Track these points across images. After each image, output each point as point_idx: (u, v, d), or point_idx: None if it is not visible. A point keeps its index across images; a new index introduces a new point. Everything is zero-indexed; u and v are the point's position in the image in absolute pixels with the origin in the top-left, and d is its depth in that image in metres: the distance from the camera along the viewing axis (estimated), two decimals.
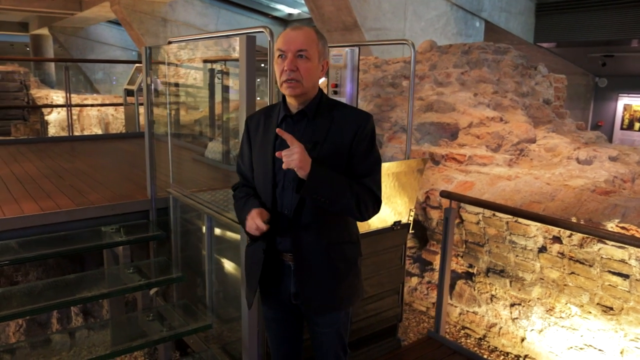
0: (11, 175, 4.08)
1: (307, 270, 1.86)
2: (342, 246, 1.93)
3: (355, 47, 3.17)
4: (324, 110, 1.84)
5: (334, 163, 1.80)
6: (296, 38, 1.75)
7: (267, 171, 1.84)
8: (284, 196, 1.82)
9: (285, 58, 1.74)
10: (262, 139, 1.87)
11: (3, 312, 2.92)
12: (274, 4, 17.55)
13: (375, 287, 3.00)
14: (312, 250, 1.85)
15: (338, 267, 1.90)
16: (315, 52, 1.77)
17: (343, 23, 7.85)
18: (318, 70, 1.81)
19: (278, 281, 1.93)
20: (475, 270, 3.82)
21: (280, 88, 1.77)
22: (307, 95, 1.81)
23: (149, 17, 15.16)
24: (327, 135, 1.81)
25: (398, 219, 2.97)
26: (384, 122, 4.94)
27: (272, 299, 1.99)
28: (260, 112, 1.94)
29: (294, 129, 1.81)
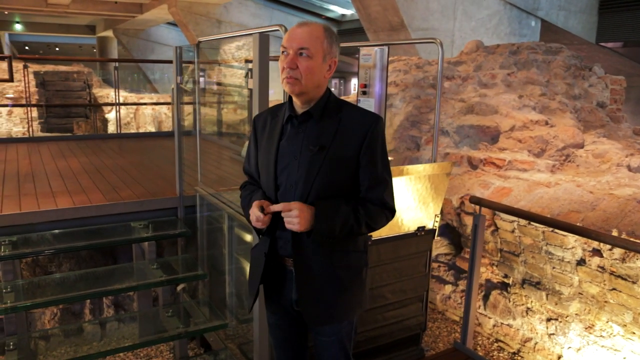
0: (55, 170, 4.26)
1: (307, 278, 1.78)
2: (347, 254, 1.84)
3: (385, 47, 3.07)
4: (331, 112, 1.76)
5: (341, 168, 1.73)
6: (299, 35, 1.69)
7: (269, 172, 1.78)
8: (286, 198, 1.74)
9: (287, 55, 1.69)
10: (267, 139, 1.82)
11: (38, 299, 3.04)
12: (326, 5, 17.59)
13: (397, 294, 2.90)
14: (313, 257, 1.77)
15: (341, 277, 1.81)
16: (319, 50, 1.70)
17: (389, 23, 7.73)
18: (322, 70, 1.72)
19: (280, 287, 1.87)
20: (511, 281, 3.63)
21: (282, 84, 1.73)
22: (309, 94, 1.73)
23: (204, 18, 15.55)
24: (334, 138, 1.73)
25: (422, 224, 2.86)
26: (422, 124, 4.80)
27: (275, 305, 1.93)
28: (267, 111, 1.90)
29: (298, 130, 1.75)
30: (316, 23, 1.74)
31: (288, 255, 1.80)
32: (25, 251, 2.95)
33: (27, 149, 5.35)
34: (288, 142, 1.75)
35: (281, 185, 1.76)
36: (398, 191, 2.67)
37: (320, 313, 1.82)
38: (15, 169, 4.31)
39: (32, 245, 3.15)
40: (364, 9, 7.90)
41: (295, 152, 1.74)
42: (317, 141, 1.72)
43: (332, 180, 1.73)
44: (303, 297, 1.79)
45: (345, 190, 1.77)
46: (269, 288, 1.89)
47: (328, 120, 1.75)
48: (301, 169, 1.72)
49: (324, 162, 1.70)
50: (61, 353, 3.19)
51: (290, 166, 1.74)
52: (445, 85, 5.09)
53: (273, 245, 1.82)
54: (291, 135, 1.76)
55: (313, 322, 1.84)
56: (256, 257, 1.88)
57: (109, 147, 5.65)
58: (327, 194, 1.73)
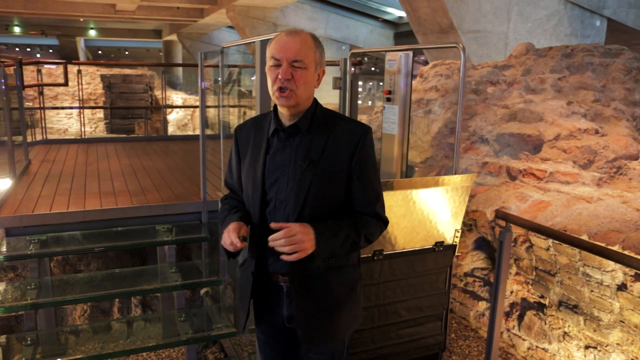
0: (94, 171, 4.41)
1: (303, 296, 1.71)
2: (341, 270, 1.77)
3: (410, 52, 2.95)
4: (319, 124, 1.69)
5: (332, 182, 1.66)
6: (292, 45, 1.60)
7: (256, 188, 1.69)
8: (275, 215, 1.67)
9: (279, 67, 1.60)
10: (252, 153, 1.73)
11: (68, 296, 3.15)
12: (384, 7, 17.39)
13: (413, 311, 2.76)
14: (309, 274, 1.70)
15: (337, 293, 1.75)
16: (312, 60, 1.63)
17: (439, 25, 7.50)
18: (314, 80, 1.66)
19: (271, 303, 1.80)
20: (547, 302, 3.38)
21: (273, 97, 1.63)
22: (300, 106, 1.66)
23: (261, 22, 15.78)
24: (323, 152, 1.65)
25: (440, 239, 2.71)
26: (461, 131, 4.59)
27: (265, 322, 1.86)
28: (250, 123, 1.82)
29: (286, 144, 1.68)
30: (304, 31, 1.66)
31: (279, 272, 1.73)
32: (49, 250, 3.05)
33: (77, 150, 5.59)
34: (275, 156, 1.68)
35: (270, 202, 1.68)
36: (413, 204, 2.55)
37: (318, 331, 1.76)
38: (60, 169, 4.51)
39: (63, 244, 3.27)
40: (413, 11, 7.71)
41: (283, 167, 1.67)
42: (306, 155, 1.65)
43: (324, 194, 1.66)
44: (299, 315, 1.73)
45: (337, 204, 1.70)
46: (259, 305, 1.82)
47: (316, 133, 1.67)
48: (291, 184, 1.65)
49: (314, 177, 1.64)
50: (89, 348, 3.27)
51: (279, 182, 1.67)
52: (489, 91, 4.85)
53: (261, 263, 1.74)
54: (278, 149, 1.68)
55: (310, 341, 1.77)
56: (244, 276, 1.81)
57: (153, 149, 5.81)
58: (320, 209, 1.66)
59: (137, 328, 3.73)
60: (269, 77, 1.63)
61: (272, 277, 1.74)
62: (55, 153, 5.37)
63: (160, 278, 3.44)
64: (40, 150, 5.52)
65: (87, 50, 32.73)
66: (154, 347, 3.24)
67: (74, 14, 18.91)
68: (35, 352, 2.97)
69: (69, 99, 15.47)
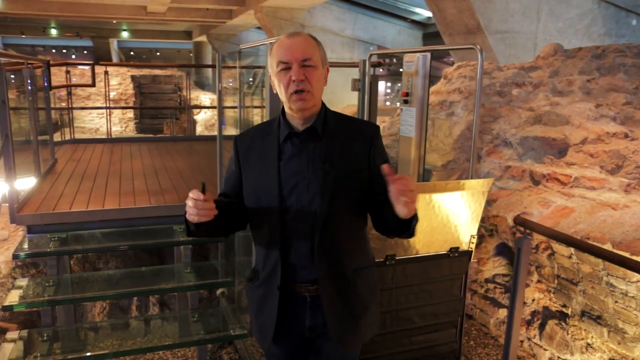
0: (117, 171, 4.49)
1: (333, 300, 1.68)
2: (365, 271, 1.77)
3: (427, 53, 2.89)
4: (331, 125, 1.67)
5: (353, 181, 1.65)
6: (299, 45, 1.58)
7: (272, 197, 1.63)
8: (298, 223, 1.63)
9: (289, 69, 1.56)
10: (260, 161, 1.67)
11: (86, 294, 3.21)
12: (412, 8, 17.23)
13: (427, 318, 2.71)
14: (337, 280, 1.68)
15: (363, 295, 1.74)
16: (318, 58, 1.61)
17: (465, 26, 7.37)
18: (323, 79, 1.64)
19: (291, 317, 1.73)
20: (570, 312, 3.27)
21: (288, 102, 1.59)
22: (314, 108, 1.63)
23: (288, 23, 15.83)
24: (341, 152, 1.64)
25: (456, 245, 2.65)
26: (484, 134, 4.50)
27: (282, 337, 1.77)
28: (252, 132, 1.77)
29: (301, 149, 1.64)
30: (303, 32, 1.65)
31: (306, 281, 1.69)
32: (68, 248, 3.11)
33: (103, 149, 5.70)
34: (290, 162, 1.64)
35: (290, 209, 1.63)
36: (428, 208, 2.49)
37: (350, 335, 1.74)
38: (84, 168, 4.60)
39: (82, 242, 3.33)
40: (439, 12, 7.60)
41: (301, 172, 1.63)
42: (325, 157, 1.62)
43: (348, 195, 1.65)
44: (334, 322, 1.70)
45: (360, 205, 1.69)
46: (279, 320, 1.72)
47: (330, 134, 1.65)
48: (313, 188, 1.62)
49: (336, 180, 1.62)
50: (107, 345, 3.32)
51: (298, 188, 1.63)
52: (514, 93, 4.73)
53: (284, 275, 1.68)
54: (293, 154, 1.64)
55: (345, 346, 1.75)
56: (261, 291, 1.73)
57: (177, 149, 5.88)
58: (345, 211, 1.66)
59: (155, 326, 3.77)
60: (280, 83, 1.59)
61: (294, 287, 1.69)
62: (81, 152, 5.48)
63: (176, 278, 3.47)
64: (68, 149, 5.65)
65: (119, 51, 33.47)
66: (170, 346, 3.26)
67: (106, 16, 19.38)
68: (55, 348, 3.03)
69: (101, 99, 15.84)
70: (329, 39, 16.77)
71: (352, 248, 1.72)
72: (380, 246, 2.45)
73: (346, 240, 1.69)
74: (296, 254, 1.65)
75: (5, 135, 2.98)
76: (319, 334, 1.74)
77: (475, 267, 4.13)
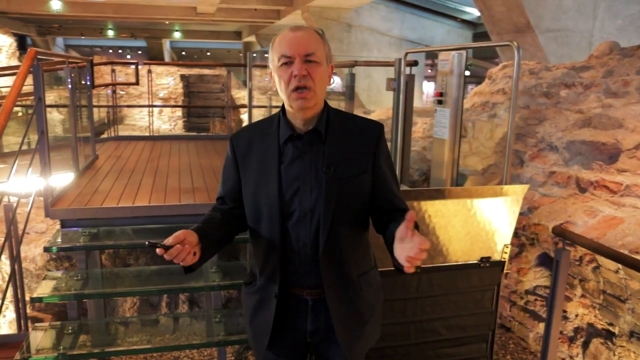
0: (153, 169, 4.54)
1: (339, 305, 1.61)
2: (368, 274, 1.70)
3: (463, 51, 2.74)
4: (334, 126, 1.58)
5: (357, 185, 1.56)
6: (302, 40, 1.48)
7: (273, 202, 1.55)
8: (300, 229, 1.55)
9: (291, 64, 1.47)
10: (260, 164, 1.59)
11: (118, 289, 3.25)
12: (462, 7, 16.82)
13: (454, 330, 2.56)
14: (344, 287, 1.61)
15: (367, 298, 1.68)
16: (323, 54, 1.51)
17: (515, 24, 7.08)
18: (327, 77, 1.55)
19: (290, 321, 1.66)
20: (617, 331, 3.04)
21: (288, 100, 1.50)
22: (317, 107, 1.55)
23: (335, 23, 15.77)
24: (344, 155, 1.56)
25: (487, 254, 2.49)
26: (528, 137, 4.27)
27: (280, 342, 1.70)
28: (250, 130, 1.68)
29: (303, 151, 1.55)
30: (308, 27, 1.56)
31: (306, 287, 1.62)
32: (96, 243, 3.16)
33: (144, 147, 5.81)
34: (292, 165, 1.55)
35: (293, 214, 1.55)
36: (456, 214, 2.36)
37: (358, 341, 1.68)
38: (122, 165, 4.69)
39: (113, 237, 3.37)
40: (487, 10, 7.33)
41: (303, 176, 1.55)
42: (328, 161, 1.54)
43: (353, 199, 1.57)
44: (341, 329, 1.63)
45: (364, 208, 1.62)
46: (277, 325, 1.65)
47: (333, 136, 1.56)
48: (315, 193, 1.54)
49: (341, 183, 1.54)
50: (136, 340, 3.35)
51: (300, 192, 1.55)
52: (562, 94, 4.47)
53: (283, 282, 1.61)
54: (295, 157, 1.56)
55: (352, 353, 1.68)
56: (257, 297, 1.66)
57: (215, 148, 5.91)
58: (349, 216, 1.58)
59: (183, 324, 3.78)
60: (280, 79, 1.50)
61: (295, 291, 1.62)
62: (123, 149, 5.61)
63: (204, 277, 3.46)
64: (111, 146, 5.79)
65: (172, 51, 34.45)
66: (192, 346, 3.26)
67: (159, 17, 19.96)
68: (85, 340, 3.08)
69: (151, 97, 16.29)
70: (375, 39, 16.62)
71: (356, 253, 1.65)
72: None
73: (351, 246, 1.61)
74: (299, 260, 1.58)
75: (41, 132, 3.05)
76: (322, 338, 1.67)
77: (515, 277, 3.93)
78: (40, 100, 3.03)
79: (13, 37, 18.30)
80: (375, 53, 16.53)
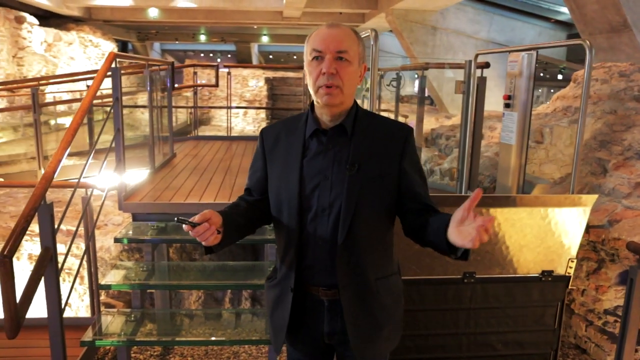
0: (224, 168, 4.72)
1: (354, 308, 1.60)
2: (388, 279, 1.66)
3: (533, 52, 2.58)
4: (362, 125, 1.57)
5: (380, 185, 1.55)
6: (336, 36, 1.49)
7: (292, 194, 1.56)
8: (317, 224, 1.55)
9: (321, 60, 1.49)
10: (285, 156, 1.61)
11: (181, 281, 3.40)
12: (556, 7, 15.91)
13: (511, 347, 2.41)
14: (359, 288, 1.59)
15: (386, 303, 1.65)
16: (355, 53, 1.51)
17: (609, 23, 6.56)
18: (357, 76, 1.55)
19: (309, 320, 1.67)
20: None
21: (315, 95, 1.52)
22: (344, 105, 1.55)
23: (419, 25, 15.51)
24: (369, 154, 1.54)
25: (549, 268, 2.32)
26: (613, 144, 3.94)
27: (301, 340, 1.72)
28: (280, 125, 1.70)
29: (327, 147, 1.56)
30: (345, 25, 1.54)
31: (323, 285, 1.61)
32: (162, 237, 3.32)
33: (220, 147, 6.05)
34: (314, 160, 1.56)
35: (311, 209, 1.56)
36: (515, 224, 2.22)
37: (372, 347, 1.65)
38: (196, 164, 4.90)
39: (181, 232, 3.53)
40: (578, 9, 6.85)
41: (324, 172, 1.55)
42: (353, 159, 1.53)
43: (375, 199, 1.55)
44: (354, 332, 1.61)
45: (386, 210, 1.59)
46: (296, 323, 1.67)
47: (360, 134, 1.56)
48: (336, 190, 1.54)
49: (364, 182, 1.52)
50: (199, 333, 3.49)
51: (321, 187, 1.55)
52: None
53: (299, 276, 1.62)
54: (318, 152, 1.57)
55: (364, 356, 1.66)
56: (277, 291, 1.68)
57: None
58: (370, 216, 1.56)
59: (245, 320, 3.87)
60: (310, 74, 1.52)
61: (311, 290, 1.62)
62: (200, 149, 5.86)
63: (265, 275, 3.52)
64: (190, 145, 6.07)
65: (259, 54, 35.58)
66: (256, 342, 3.33)
67: (247, 22, 20.70)
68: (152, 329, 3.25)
69: (237, 99, 16.95)
70: (461, 41, 16.14)
71: (375, 255, 1.61)
72: (456, 262, 2.23)
73: (370, 247, 1.58)
74: (314, 256, 1.57)
75: (117, 129, 3.26)
76: (339, 341, 1.65)
77: (593, 295, 3.64)
78: (118, 100, 3.23)
79: (115, 42, 19.81)
80: (460, 56, 16.04)
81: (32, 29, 14.15)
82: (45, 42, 15.23)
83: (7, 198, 4.31)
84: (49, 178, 2.32)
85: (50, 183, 2.31)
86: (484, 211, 2.16)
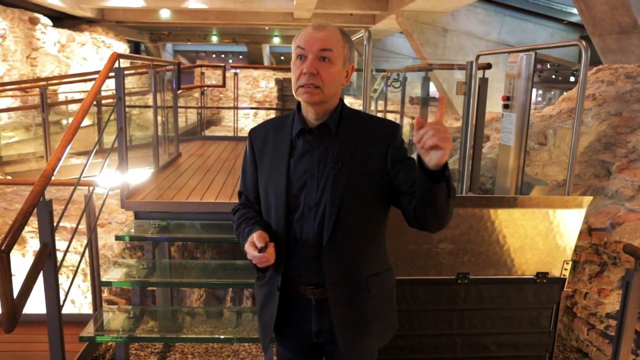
0: (228, 168, 4.75)
1: (341, 306, 1.60)
2: (379, 276, 1.66)
3: (532, 52, 2.57)
4: (347, 123, 1.58)
5: (366, 183, 1.55)
6: (320, 37, 1.50)
7: (280, 193, 1.58)
8: (304, 223, 1.57)
9: (304, 59, 1.50)
10: (272, 156, 1.62)
11: (182, 279, 3.43)
12: (569, 8, 15.76)
13: (505, 348, 2.41)
14: (348, 286, 1.59)
15: (376, 301, 1.64)
16: (340, 54, 1.52)
17: (619, 25, 6.50)
18: (342, 77, 1.55)
19: (296, 319, 1.67)
20: None
21: (296, 93, 1.54)
22: (327, 104, 1.56)
23: (430, 27, 15.46)
24: (354, 152, 1.55)
25: (545, 270, 2.31)
26: (618, 147, 3.90)
27: (289, 339, 1.73)
28: (268, 125, 1.71)
29: (313, 146, 1.57)
30: (332, 25, 1.55)
31: (311, 284, 1.62)
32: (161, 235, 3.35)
33: (226, 147, 6.08)
34: (301, 159, 1.58)
35: (298, 208, 1.57)
36: (509, 225, 2.22)
37: (359, 343, 1.65)
38: (200, 163, 4.94)
39: (182, 231, 3.56)
40: (587, 10, 6.80)
41: (311, 171, 1.56)
42: (337, 157, 1.54)
43: (360, 197, 1.55)
44: (341, 329, 1.62)
45: (374, 207, 1.59)
46: (283, 321, 1.68)
47: (345, 133, 1.57)
48: (321, 189, 1.55)
49: (349, 180, 1.53)
50: (201, 330, 3.52)
51: (307, 186, 1.56)
52: None
53: (286, 275, 1.62)
54: (304, 151, 1.58)
55: (353, 355, 1.66)
56: (264, 291, 1.69)
57: None
58: (356, 213, 1.56)
59: (246, 319, 3.90)
60: (293, 72, 1.53)
61: (299, 289, 1.63)
62: (206, 149, 5.90)
63: None
64: (196, 145, 6.11)
65: (271, 55, 35.70)
66: (257, 340, 3.35)
67: (258, 23, 20.80)
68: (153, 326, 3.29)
69: (248, 99, 17.02)
70: (472, 43, 16.05)
71: (365, 253, 1.61)
72: (451, 262, 2.24)
73: (358, 245, 1.58)
74: (301, 255, 1.58)
75: (119, 128, 3.30)
76: (327, 340, 1.65)
77: (595, 298, 3.61)
78: (120, 99, 3.28)
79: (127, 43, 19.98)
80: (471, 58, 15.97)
81: (45, 30, 14.35)
82: (59, 43, 15.43)
83: (14, 196, 4.39)
84: (48, 175, 2.36)
85: (49, 180, 2.35)
86: (477, 212, 2.16)
